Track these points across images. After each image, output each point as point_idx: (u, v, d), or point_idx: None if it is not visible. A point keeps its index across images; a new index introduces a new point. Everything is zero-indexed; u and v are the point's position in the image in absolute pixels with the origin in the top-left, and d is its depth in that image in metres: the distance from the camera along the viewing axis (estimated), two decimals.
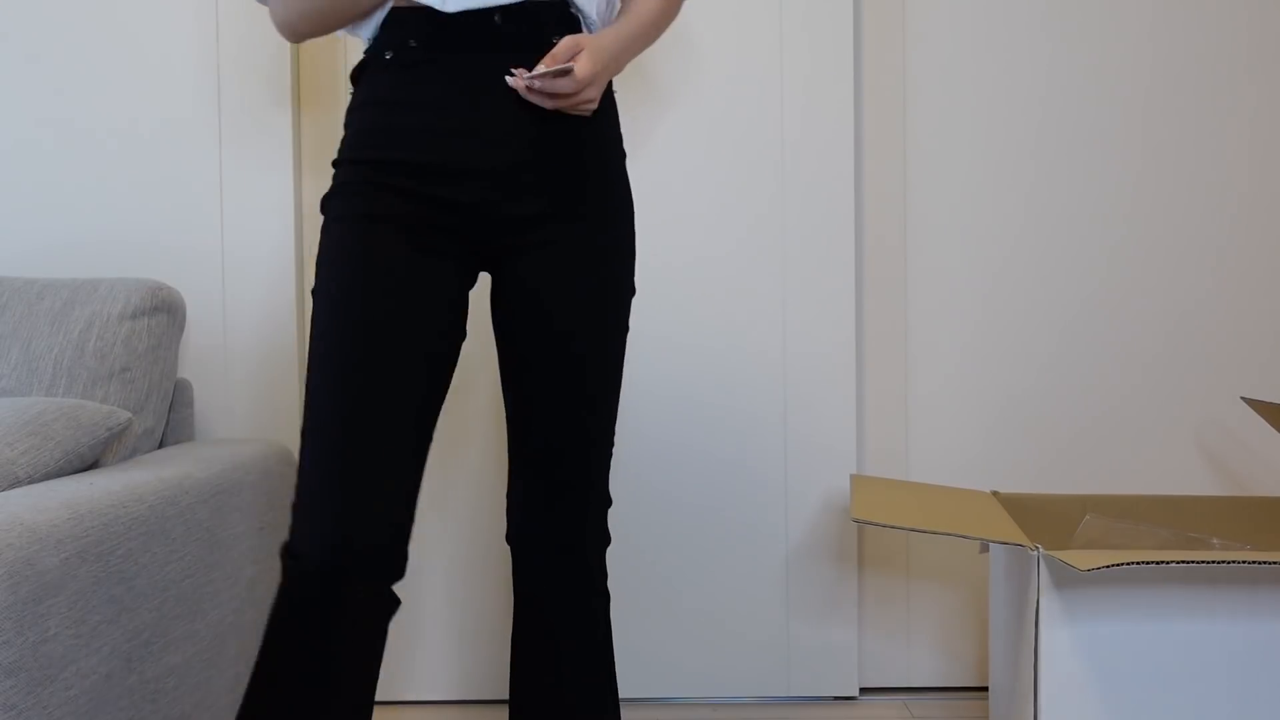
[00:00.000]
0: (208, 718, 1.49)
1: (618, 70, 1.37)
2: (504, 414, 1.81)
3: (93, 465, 1.52)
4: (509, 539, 1.41)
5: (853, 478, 1.84)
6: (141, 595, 1.33)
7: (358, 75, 1.37)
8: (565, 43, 1.29)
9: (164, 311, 1.73)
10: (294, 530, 1.25)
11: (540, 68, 1.26)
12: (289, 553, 1.26)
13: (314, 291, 1.31)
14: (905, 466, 2.17)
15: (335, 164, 1.36)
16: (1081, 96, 2.15)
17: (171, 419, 1.79)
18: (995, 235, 2.16)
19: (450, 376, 1.34)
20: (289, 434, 2.03)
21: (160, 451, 1.68)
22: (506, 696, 2.13)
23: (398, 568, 1.28)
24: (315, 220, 2.10)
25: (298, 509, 1.26)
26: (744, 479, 2.12)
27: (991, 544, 1.78)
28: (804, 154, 2.09)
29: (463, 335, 1.36)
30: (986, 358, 2.17)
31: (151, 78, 2.00)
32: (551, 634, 1.39)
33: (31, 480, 1.38)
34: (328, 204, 1.34)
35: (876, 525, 1.61)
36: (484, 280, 1.96)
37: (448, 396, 2.07)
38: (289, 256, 2.02)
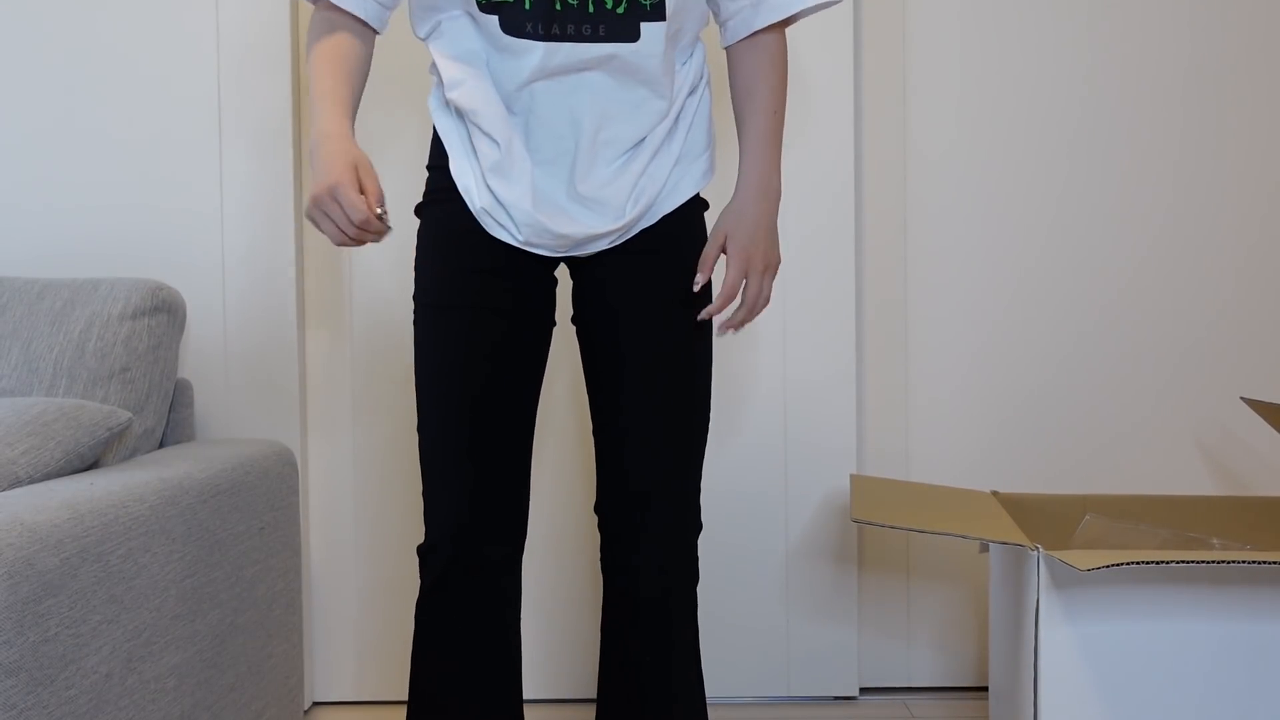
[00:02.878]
0: (207, 718, 1.49)
1: (776, 196, 1.41)
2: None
3: (93, 465, 1.52)
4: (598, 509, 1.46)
5: (853, 478, 1.84)
6: (141, 595, 1.33)
7: None
8: (708, 254, 1.38)
9: (164, 311, 1.73)
10: (426, 521, 1.38)
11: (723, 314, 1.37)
12: (422, 547, 1.38)
13: (414, 298, 1.41)
14: (905, 467, 2.17)
15: (429, 168, 1.42)
16: (1081, 98, 2.15)
17: (171, 419, 1.79)
18: (995, 235, 2.16)
19: (545, 358, 1.42)
20: (289, 434, 2.03)
21: (160, 451, 1.68)
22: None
23: (518, 538, 1.40)
24: None
25: (426, 497, 1.38)
26: (744, 479, 2.12)
27: (991, 544, 1.78)
28: (804, 155, 2.09)
29: (552, 322, 1.44)
30: (987, 357, 2.17)
31: (152, 78, 2.00)
32: (638, 627, 1.44)
33: (31, 480, 1.38)
34: (421, 211, 1.43)
35: (876, 525, 1.61)
36: None
37: None
38: (289, 256, 2.02)
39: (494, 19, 1.28)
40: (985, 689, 2.17)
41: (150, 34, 2.00)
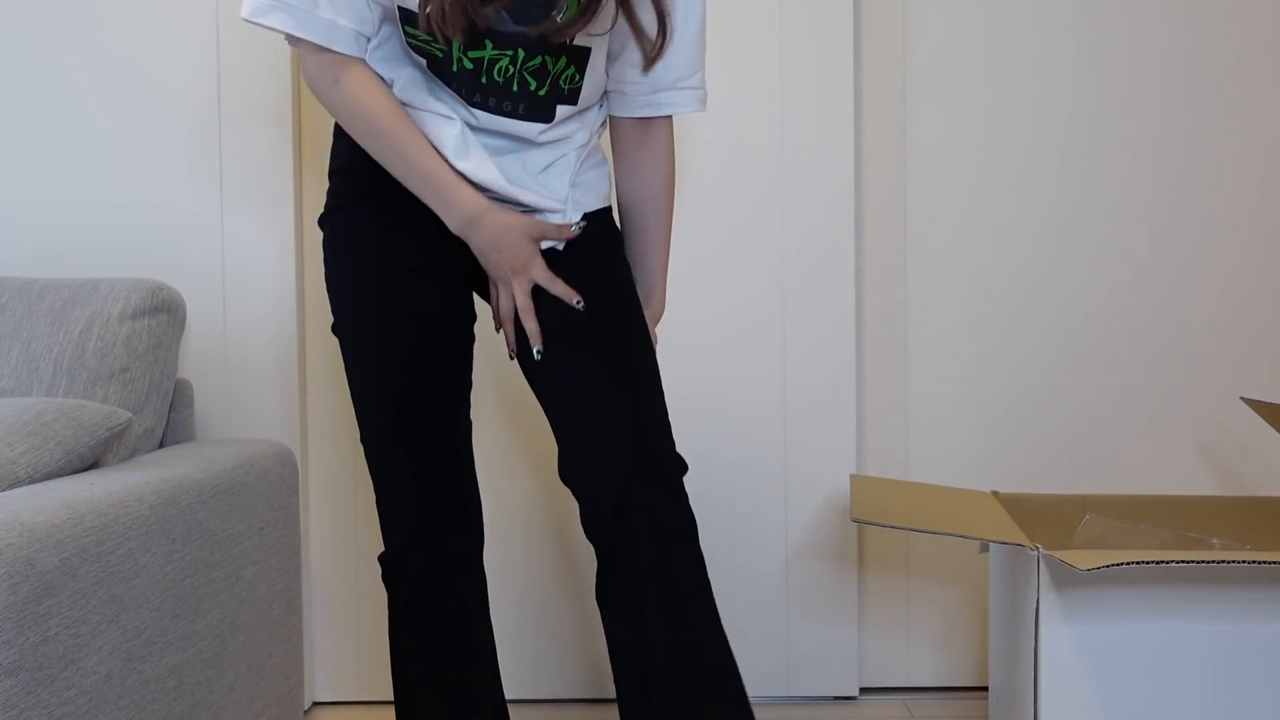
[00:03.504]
0: (207, 718, 1.49)
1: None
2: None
3: (93, 465, 1.52)
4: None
5: (853, 478, 1.85)
6: (141, 595, 1.33)
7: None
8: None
9: (164, 311, 1.73)
10: (382, 531, 1.39)
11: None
12: (382, 556, 1.39)
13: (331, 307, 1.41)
14: (905, 467, 2.17)
15: (331, 173, 1.42)
16: (1080, 98, 2.15)
17: (171, 419, 1.79)
18: (995, 235, 2.16)
19: (470, 349, 1.42)
20: (289, 434, 2.03)
21: (160, 451, 1.68)
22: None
23: (476, 535, 1.40)
24: (315, 219, 2.10)
25: (379, 508, 1.38)
26: (744, 479, 2.12)
27: (991, 544, 1.78)
28: (804, 155, 2.09)
29: (473, 315, 1.43)
30: (986, 357, 2.17)
31: (152, 78, 2.00)
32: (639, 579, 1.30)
33: (31, 480, 1.38)
34: (324, 221, 1.43)
35: (876, 525, 1.61)
36: None
37: None
38: (289, 256, 2.02)
39: (424, 61, 1.30)
40: (985, 689, 2.17)
41: (150, 33, 2.00)
